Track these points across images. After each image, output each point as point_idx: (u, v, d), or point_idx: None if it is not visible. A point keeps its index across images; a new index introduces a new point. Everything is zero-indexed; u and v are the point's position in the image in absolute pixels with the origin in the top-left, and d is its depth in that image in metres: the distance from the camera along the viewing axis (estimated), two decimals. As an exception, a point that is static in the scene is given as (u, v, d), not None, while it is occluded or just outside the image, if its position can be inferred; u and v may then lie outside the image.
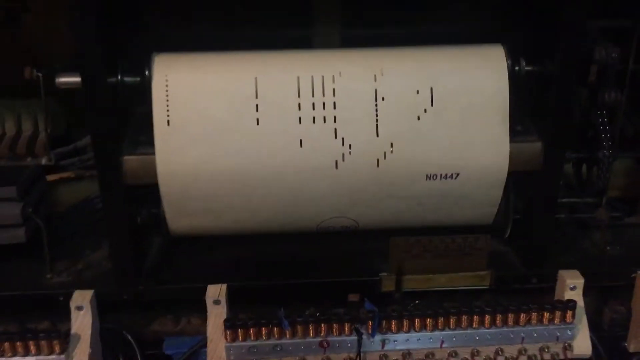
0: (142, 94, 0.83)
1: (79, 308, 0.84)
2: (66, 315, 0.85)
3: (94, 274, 0.92)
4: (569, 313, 0.83)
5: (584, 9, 0.79)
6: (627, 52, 0.88)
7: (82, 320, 0.84)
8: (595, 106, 0.90)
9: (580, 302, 0.86)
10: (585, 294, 0.88)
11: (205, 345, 0.84)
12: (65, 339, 0.81)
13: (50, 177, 0.99)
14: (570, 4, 0.78)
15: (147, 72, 0.81)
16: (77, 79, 0.78)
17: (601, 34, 0.86)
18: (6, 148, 0.97)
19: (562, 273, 0.88)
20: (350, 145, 0.82)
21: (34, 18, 1.03)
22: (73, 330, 0.83)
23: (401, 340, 0.83)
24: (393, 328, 0.82)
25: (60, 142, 1.02)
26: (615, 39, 0.87)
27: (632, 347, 0.91)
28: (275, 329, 0.81)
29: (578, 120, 0.93)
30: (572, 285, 0.87)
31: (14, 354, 0.80)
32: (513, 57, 0.85)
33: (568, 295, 0.87)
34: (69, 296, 0.85)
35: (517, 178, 0.88)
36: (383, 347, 0.83)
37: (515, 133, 0.85)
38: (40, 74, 0.85)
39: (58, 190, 1.00)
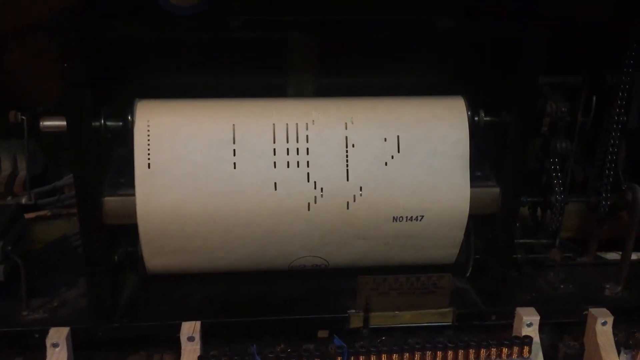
0: (123, 138, 0.86)
1: (55, 345, 0.85)
2: (40, 353, 0.85)
3: (69, 311, 0.92)
4: (526, 348, 0.87)
5: (538, 66, 0.84)
6: (576, 106, 0.95)
7: (57, 358, 0.84)
8: (547, 155, 0.95)
9: (536, 338, 0.90)
10: (541, 330, 0.91)
11: (179, 381, 0.85)
12: (40, 376, 0.82)
13: (28, 215, 1.00)
14: (525, 62, 0.84)
15: (129, 117, 0.84)
16: (63, 123, 0.80)
17: (552, 89, 0.92)
18: (-16, 187, 0.99)
19: (519, 310, 0.92)
20: (322, 189, 0.86)
21: (14, 59, 1.05)
22: (48, 367, 0.84)
23: (369, 375, 0.85)
24: (361, 363, 0.85)
25: (38, 181, 1.04)
26: (565, 94, 0.93)
27: (584, 381, 0.94)
28: (248, 364, 0.83)
29: (532, 167, 0.98)
30: (528, 322, 0.91)
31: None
32: (473, 108, 0.90)
33: (525, 331, 0.91)
34: (44, 333, 0.85)
35: (477, 220, 0.93)
36: (352, 381, 0.85)
37: (475, 179, 0.90)
38: (24, 117, 0.88)
39: (35, 228, 1.01)
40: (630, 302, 1.00)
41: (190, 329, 0.88)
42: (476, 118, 0.90)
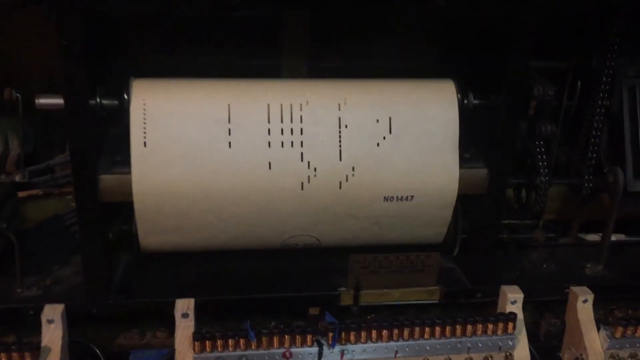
0: (118, 116, 0.87)
1: (50, 321, 0.85)
2: (34, 330, 0.86)
3: (63, 289, 0.93)
4: (510, 325, 0.89)
5: (526, 51, 0.86)
6: (562, 90, 0.97)
7: (52, 334, 0.85)
8: (533, 137, 0.98)
9: (520, 315, 0.92)
10: (524, 308, 0.93)
11: (172, 358, 0.85)
12: (36, 352, 0.83)
13: (20, 194, 1.00)
14: (513, 47, 0.86)
15: (125, 96, 0.85)
16: (60, 101, 0.80)
17: (539, 73, 0.95)
18: (-24, 165, 0.99)
19: (504, 288, 0.94)
20: (315, 169, 0.88)
21: (6, 38, 1.04)
22: (44, 343, 0.84)
23: (359, 351, 0.86)
24: (352, 339, 0.86)
25: (28, 160, 1.04)
26: (551, 78, 0.96)
27: (565, 357, 0.96)
28: (241, 340, 0.84)
29: (518, 149, 1.01)
30: (512, 300, 0.93)
31: (-15, 366, 0.81)
32: (462, 91, 0.92)
33: (509, 308, 0.92)
34: (39, 310, 0.85)
35: (465, 201, 0.95)
36: (342, 357, 0.86)
37: (464, 160, 0.92)
38: (19, 95, 0.88)
39: (27, 207, 1.01)
40: (610, 281, 1.04)
41: (184, 306, 0.88)
42: (465, 101, 0.92)
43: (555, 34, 0.94)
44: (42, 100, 0.82)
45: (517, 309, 0.93)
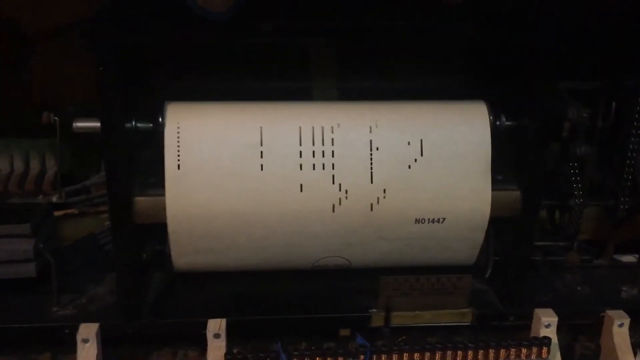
0: (151, 140, 0.88)
1: (85, 340, 0.86)
2: (69, 348, 0.87)
3: (97, 308, 0.95)
4: (545, 349, 0.88)
5: (555, 73, 0.86)
6: (596, 111, 0.96)
7: (87, 353, 0.86)
8: (566, 158, 0.97)
9: (554, 339, 0.91)
10: (558, 330, 0.92)
11: (204, 377, 0.87)
12: (72, 370, 0.85)
13: (56, 213, 1.02)
14: (542, 68, 0.85)
15: (160, 120, 0.86)
16: (96, 124, 0.82)
17: (570, 94, 0.94)
18: (15, 185, 1.01)
19: (538, 311, 0.93)
20: (346, 191, 0.88)
21: (41, 59, 1.07)
22: (79, 362, 0.86)
23: (390, 373, 0.86)
24: (383, 362, 0.86)
25: (64, 181, 1.06)
26: (582, 98, 0.94)
27: (601, 382, 0.96)
28: (273, 361, 0.85)
29: (551, 170, 0.99)
30: (546, 323, 0.92)
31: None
32: (494, 112, 0.91)
33: (543, 332, 0.92)
34: (74, 329, 0.87)
35: (497, 222, 0.94)
36: (373, 379, 0.87)
37: (496, 182, 0.91)
38: (57, 118, 0.90)
39: (63, 226, 1.03)
40: (647, 304, 1.02)
41: (216, 326, 0.89)
42: (497, 122, 0.92)
43: (585, 54, 0.93)
44: (80, 124, 0.84)
45: (551, 332, 0.92)
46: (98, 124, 0.82)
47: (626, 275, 1.05)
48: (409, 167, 0.89)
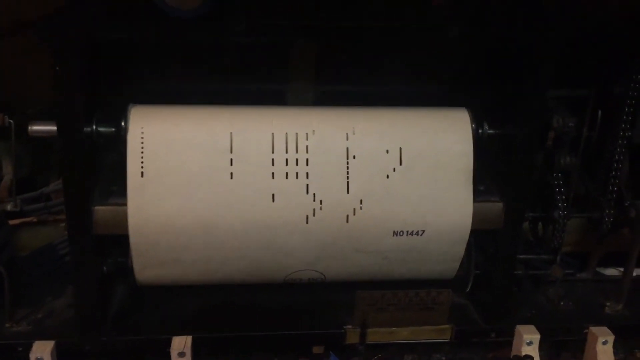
0: (115, 144, 0.83)
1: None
2: (23, 367, 0.83)
3: (54, 323, 0.90)
4: (527, 368, 0.87)
5: (544, 80, 0.82)
6: (582, 120, 0.93)
7: (41, 372, 0.82)
8: (551, 169, 0.94)
9: (537, 357, 0.89)
10: (540, 347, 0.90)
11: (168, 398, 0.83)
12: (23, 392, 0.79)
13: (12, 222, 0.96)
14: (531, 76, 0.82)
15: (123, 123, 0.81)
16: (53, 128, 0.77)
17: (558, 102, 0.91)
18: (-33, 192, 0.95)
19: (520, 328, 0.91)
20: (321, 201, 0.84)
21: (1, 59, 1.01)
22: (32, 382, 0.81)
23: (365, 394, 0.84)
24: (358, 381, 0.84)
25: (23, 185, 1.00)
26: (570, 106, 0.91)
27: (583, 401, 0.93)
28: (241, 381, 0.81)
29: (535, 181, 0.96)
30: (528, 341, 0.90)
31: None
32: (477, 120, 0.88)
33: (525, 350, 0.89)
34: (28, 347, 0.83)
35: (479, 235, 0.91)
36: (348, 400, 0.84)
37: (479, 193, 0.88)
38: (11, 121, 0.84)
39: (20, 235, 0.97)
40: (631, 320, 0.99)
41: (181, 344, 0.85)
42: (480, 130, 0.88)
43: (575, 61, 0.89)
44: (36, 127, 0.79)
45: (533, 350, 0.90)
46: (54, 128, 0.77)
47: (610, 289, 1.02)
48: (387, 176, 0.85)
